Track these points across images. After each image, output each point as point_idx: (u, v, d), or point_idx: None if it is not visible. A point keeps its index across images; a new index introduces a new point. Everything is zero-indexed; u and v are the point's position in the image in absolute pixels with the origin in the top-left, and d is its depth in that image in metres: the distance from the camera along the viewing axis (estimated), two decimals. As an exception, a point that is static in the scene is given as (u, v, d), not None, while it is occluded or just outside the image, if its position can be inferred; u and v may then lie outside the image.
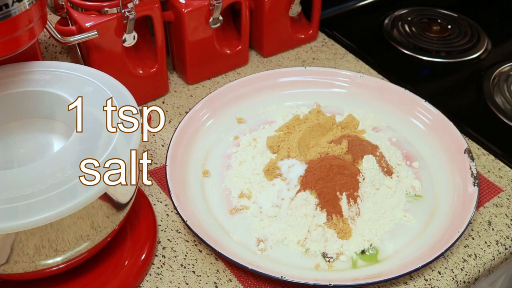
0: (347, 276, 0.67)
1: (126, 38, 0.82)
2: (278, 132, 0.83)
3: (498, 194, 0.79)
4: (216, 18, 0.89)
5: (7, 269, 0.56)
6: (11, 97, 0.64)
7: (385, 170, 0.77)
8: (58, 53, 0.93)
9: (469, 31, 1.11)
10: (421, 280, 0.68)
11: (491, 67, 1.02)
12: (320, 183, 0.72)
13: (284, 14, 0.98)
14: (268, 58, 1.02)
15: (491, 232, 0.74)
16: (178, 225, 0.74)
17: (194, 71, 0.94)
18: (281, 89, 0.91)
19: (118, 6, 0.79)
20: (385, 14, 1.16)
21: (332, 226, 0.71)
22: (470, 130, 0.88)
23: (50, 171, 0.54)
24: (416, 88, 0.94)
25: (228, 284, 0.68)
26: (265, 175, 0.76)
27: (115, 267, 0.66)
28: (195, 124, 0.83)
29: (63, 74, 0.66)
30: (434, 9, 1.18)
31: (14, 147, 0.67)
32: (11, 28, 0.59)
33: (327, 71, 0.92)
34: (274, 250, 0.70)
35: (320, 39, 1.07)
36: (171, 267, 0.69)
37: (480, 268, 0.71)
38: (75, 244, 0.57)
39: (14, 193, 0.52)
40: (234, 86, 0.89)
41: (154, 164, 0.82)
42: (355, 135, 0.81)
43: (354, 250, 0.70)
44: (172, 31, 0.92)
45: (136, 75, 0.87)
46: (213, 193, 0.77)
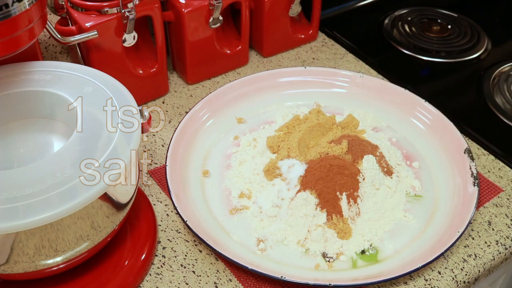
0: (347, 276, 0.67)
1: (126, 38, 0.82)
2: (278, 132, 0.83)
3: (498, 194, 0.79)
4: (216, 18, 0.89)
5: (7, 269, 0.56)
6: (11, 97, 0.64)
7: (385, 170, 0.77)
8: (58, 53, 0.93)
9: (469, 31, 1.11)
10: (421, 280, 0.68)
11: (491, 67, 1.02)
12: (320, 183, 0.72)
13: (284, 14, 0.98)
14: (268, 58, 1.02)
15: (491, 232, 0.74)
16: (178, 225, 0.74)
17: (194, 71, 0.94)
18: (281, 89, 0.91)
19: (118, 6, 0.79)
20: (385, 14, 1.16)
21: (332, 226, 0.71)
22: (470, 130, 0.88)
23: (50, 171, 0.54)
24: (416, 88, 0.94)
25: (228, 284, 0.68)
26: (265, 175, 0.76)
27: (115, 267, 0.66)
28: (195, 124, 0.83)
29: (63, 74, 0.66)
30: (434, 9, 1.18)
31: (14, 147, 0.67)
32: (11, 28, 0.59)
33: (327, 71, 0.92)
34: (274, 250, 0.70)
35: (320, 39, 1.07)
36: (171, 267, 0.69)
37: (480, 268, 0.71)
38: (75, 244, 0.57)
39: (14, 193, 0.52)
40: (234, 86, 0.89)
41: (154, 164, 0.82)
42: (355, 135, 0.81)
43: (354, 250, 0.70)
44: (172, 31, 0.92)
45: (136, 75, 0.87)
46: (213, 193, 0.77)
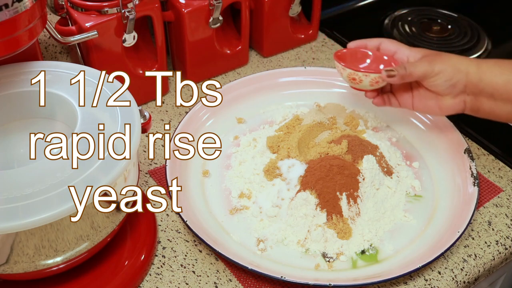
0: (347, 276, 0.67)
1: (126, 38, 0.82)
2: (278, 132, 0.83)
3: (498, 194, 0.79)
4: (216, 18, 0.89)
5: (7, 269, 0.56)
6: (11, 97, 0.64)
7: (385, 170, 0.77)
8: (58, 53, 0.93)
9: (469, 31, 1.11)
10: (421, 280, 0.68)
11: (491, 67, 1.02)
12: (320, 183, 0.72)
13: (284, 14, 0.98)
14: (268, 58, 1.02)
15: (491, 232, 0.74)
16: (178, 225, 0.74)
17: (194, 71, 0.94)
18: (281, 89, 0.91)
19: (118, 6, 0.79)
20: (385, 14, 1.16)
21: (332, 226, 0.71)
22: (470, 130, 0.88)
23: (50, 171, 0.54)
24: (416, 88, 0.94)
25: (228, 284, 0.68)
26: (265, 175, 0.76)
27: (115, 267, 0.66)
28: (195, 124, 0.83)
29: (63, 74, 0.66)
30: (434, 9, 1.18)
31: (14, 147, 0.67)
32: (11, 28, 0.59)
33: (327, 71, 0.92)
34: (274, 250, 0.70)
35: (320, 39, 1.07)
36: (171, 267, 0.69)
37: (480, 268, 0.71)
38: (75, 244, 0.57)
39: (14, 193, 0.52)
40: (234, 86, 0.89)
41: (154, 164, 0.82)
42: (355, 135, 0.81)
43: (354, 250, 0.70)
44: (172, 31, 0.92)
45: (136, 75, 0.87)
46: (213, 193, 0.77)
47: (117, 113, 0.61)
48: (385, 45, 0.77)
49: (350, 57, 0.78)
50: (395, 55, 0.76)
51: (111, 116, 0.60)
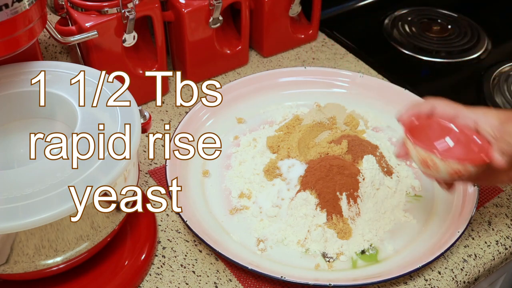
0: (347, 276, 0.67)
1: (126, 38, 0.82)
2: (278, 132, 0.83)
3: (498, 194, 0.79)
4: (216, 18, 0.89)
5: (7, 269, 0.56)
6: (11, 97, 0.64)
7: (385, 170, 0.77)
8: (58, 53, 0.93)
9: (469, 31, 1.11)
10: (421, 280, 0.68)
11: (491, 67, 1.02)
12: (320, 183, 0.72)
13: (284, 14, 0.98)
14: (268, 58, 1.02)
15: (491, 232, 0.74)
16: (178, 225, 0.74)
17: (194, 71, 0.94)
18: (281, 89, 0.91)
19: (118, 6, 0.79)
20: (385, 14, 1.16)
21: (332, 226, 0.71)
22: (470, 130, 0.88)
23: (50, 171, 0.54)
24: (416, 88, 0.94)
25: (228, 284, 0.68)
26: (265, 175, 0.76)
27: (115, 267, 0.66)
28: (195, 124, 0.83)
29: (63, 74, 0.66)
30: (434, 9, 1.18)
31: (14, 147, 0.67)
32: (11, 28, 0.59)
33: (327, 71, 0.92)
34: (274, 250, 0.70)
35: (320, 39, 1.07)
36: (171, 267, 0.69)
37: (480, 268, 0.71)
38: (75, 244, 0.57)
39: (14, 193, 0.52)
40: (234, 86, 0.89)
41: (154, 164, 0.82)
42: (355, 135, 0.81)
43: (354, 250, 0.70)
44: (172, 31, 0.92)
45: (136, 75, 0.87)
46: (213, 193, 0.77)
47: (117, 113, 0.61)
48: (441, 109, 0.62)
49: (425, 131, 0.61)
50: (456, 120, 0.61)
51: (111, 116, 0.60)
